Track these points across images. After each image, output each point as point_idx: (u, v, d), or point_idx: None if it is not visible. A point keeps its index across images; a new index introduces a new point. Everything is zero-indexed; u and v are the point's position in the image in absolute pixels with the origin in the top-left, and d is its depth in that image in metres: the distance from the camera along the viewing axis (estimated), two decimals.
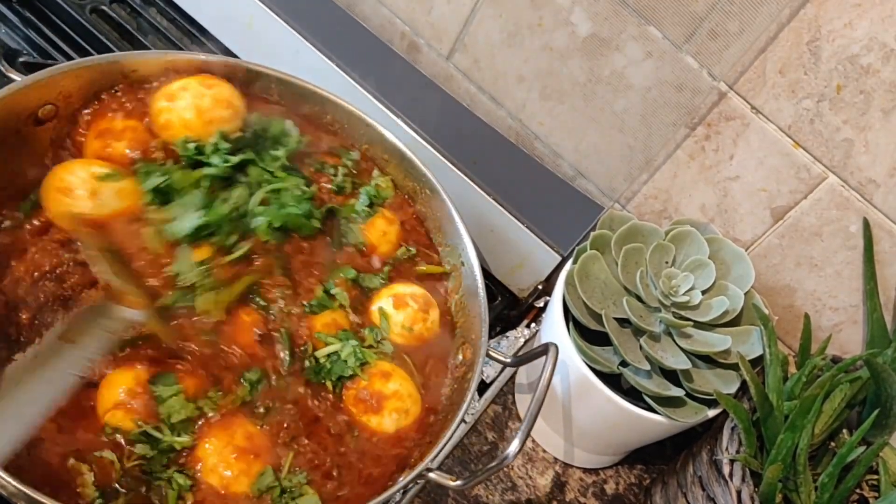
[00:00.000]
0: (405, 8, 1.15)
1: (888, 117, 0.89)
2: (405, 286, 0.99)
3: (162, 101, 0.97)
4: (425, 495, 1.01)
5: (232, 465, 0.81)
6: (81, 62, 0.95)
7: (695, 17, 0.94)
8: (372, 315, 0.97)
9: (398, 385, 0.91)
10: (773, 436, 0.90)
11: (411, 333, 0.96)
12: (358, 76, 1.15)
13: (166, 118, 0.96)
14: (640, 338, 0.95)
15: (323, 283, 0.96)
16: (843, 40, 0.88)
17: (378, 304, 0.97)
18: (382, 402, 0.90)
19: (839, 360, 0.97)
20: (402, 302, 0.97)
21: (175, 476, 0.80)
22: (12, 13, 1.18)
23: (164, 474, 0.80)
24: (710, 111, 0.99)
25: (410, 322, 0.96)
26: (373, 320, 0.96)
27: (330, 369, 0.91)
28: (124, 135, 0.95)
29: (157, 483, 0.79)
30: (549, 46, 1.05)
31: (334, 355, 0.91)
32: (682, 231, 1.00)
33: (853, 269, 0.99)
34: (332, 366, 0.91)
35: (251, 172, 0.97)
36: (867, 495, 0.92)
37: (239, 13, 1.20)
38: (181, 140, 0.95)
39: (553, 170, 1.14)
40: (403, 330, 0.96)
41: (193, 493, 0.80)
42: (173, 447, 0.81)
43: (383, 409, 0.90)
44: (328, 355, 0.91)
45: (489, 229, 1.15)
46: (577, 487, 1.10)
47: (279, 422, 0.85)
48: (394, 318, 0.96)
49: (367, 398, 0.90)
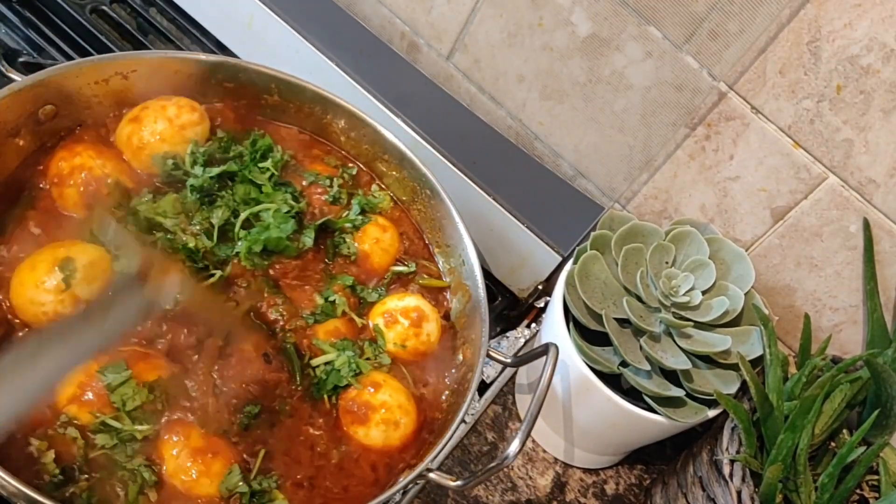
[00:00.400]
0: (405, 8, 1.15)
1: (888, 117, 0.89)
2: (398, 300, 0.99)
3: (128, 127, 0.96)
4: (425, 495, 1.01)
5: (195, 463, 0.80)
6: (81, 62, 0.95)
7: (695, 17, 0.94)
8: (370, 329, 0.97)
9: (388, 396, 0.91)
10: (774, 436, 0.90)
11: (405, 349, 0.96)
12: (358, 76, 1.15)
13: (138, 138, 0.95)
14: (641, 338, 0.95)
15: (321, 293, 0.95)
16: (843, 40, 0.88)
17: (373, 321, 0.98)
18: (370, 413, 0.89)
19: (839, 360, 0.97)
20: (393, 320, 0.97)
21: (142, 469, 0.79)
22: (12, 13, 1.18)
23: (130, 464, 0.79)
24: (710, 111, 0.99)
25: (402, 340, 0.96)
26: (372, 333, 0.97)
27: (325, 380, 0.91)
28: (74, 178, 0.92)
29: (121, 472, 0.79)
30: (549, 46, 1.05)
31: (329, 365, 0.92)
32: (682, 231, 1.00)
33: (853, 269, 0.99)
34: (328, 376, 0.91)
35: (238, 190, 0.96)
36: (867, 495, 0.92)
37: (239, 13, 1.20)
38: (160, 156, 0.95)
39: (553, 170, 1.14)
40: (397, 347, 0.96)
41: (157, 489, 0.79)
42: (134, 436, 0.80)
43: (370, 420, 0.89)
44: (324, 364, 0.91)
45: (489, 229, 1.15)
46: (578, 488, 1.10)
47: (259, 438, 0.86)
48: (386, 335, 0.96)
49: (355, 409, 0.90)
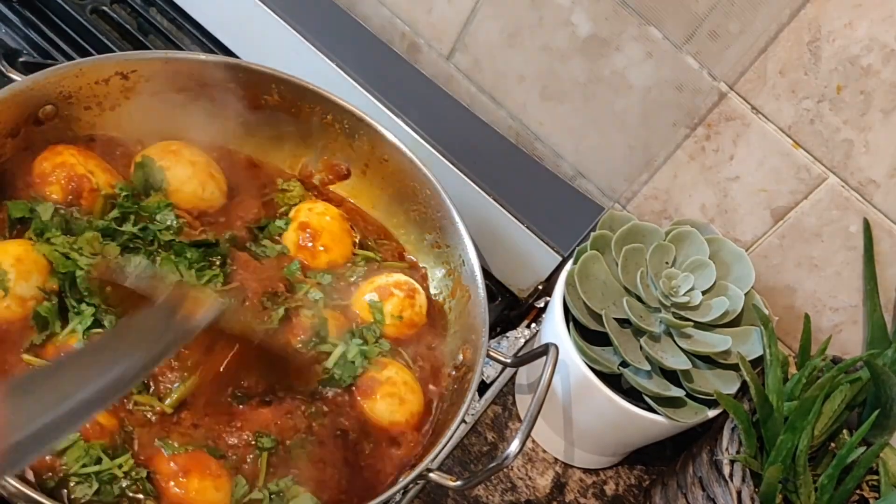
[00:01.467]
0: (405, 8, 1.15)
1: (888, 117, 0.89)
2: (386, 277, 1.00)
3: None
4: (425, 495, 1.01)
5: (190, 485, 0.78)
6: (81, 62, 0.95)
7: (695, 17, 0.94)
8: (361, 311, 0.97)
9: (393, 373, 0.93)
10: (773, 436, 0.90)
11: (402, 321, 0.97)
12: (358, 76, 1.15)
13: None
14: (641, 338, 0.95)
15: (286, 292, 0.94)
16: (844, 41, 0.88)
17: (365, 297, 0.98)
18: (375, 387, 0.91)
19: (839, 360, 0.97)
20: (387, 292, 0.98)
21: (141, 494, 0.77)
22: (12, 13, 1.18)
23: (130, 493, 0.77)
24: (711, 111, 0.99)
25: (399, 310, 0.97)
26: (363, 317, 0.97)
27: (340, 377, 0.91)
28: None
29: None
30: (550, 46, 1.05)
31: (342, 359, 0.92)
32: (682, 231, 1.00)
33: (853, 269, 0.99)
34: (343, 371, 0.91)
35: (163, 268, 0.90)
36: (867, 496, 0.92)
37: (239, 13, 1.20)
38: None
39: (553, 170, 1.14)
40: (394, 319, 0.97)
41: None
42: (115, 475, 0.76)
43: (375, 394, 0.91)
44: (336, 362, 0.91)
45: (489, 229, 1.15)
46: (577, 488, 1.10)
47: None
48: (384, 308, 0.97)
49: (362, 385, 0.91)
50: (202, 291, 0.81)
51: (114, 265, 0.82)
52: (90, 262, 0.86)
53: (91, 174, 0.93)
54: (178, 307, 0.69)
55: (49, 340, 0.83)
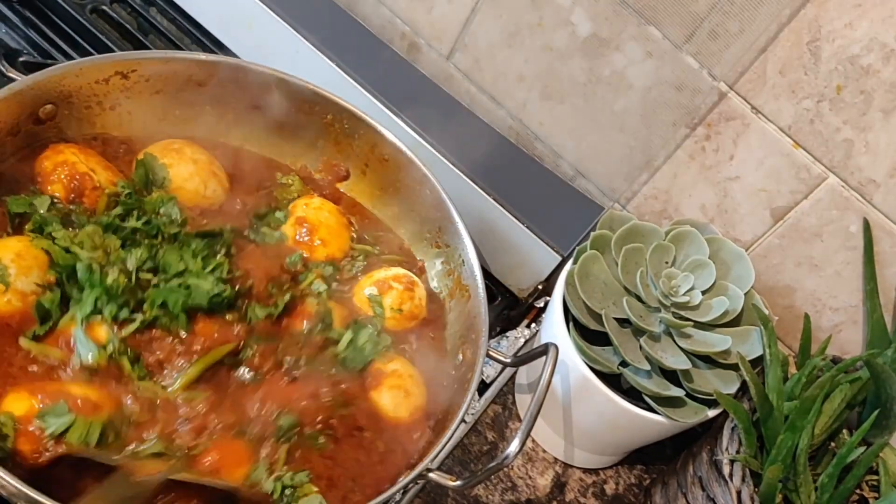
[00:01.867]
0: (405, 8, 1.15)
1: (888, 117, 0.89)
2: (385, 271, 1.01)
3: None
4: (425, 495, 1.01)
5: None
6: (81, 62, 0.95)
7: (695, 17, 0.94)
8: (361, 305, 0.98)
9: (398, 365, 0.93)
10: (773, 436, 0.90)
11: (402, 314, 0.97)
12: (358, 76, 1.15)
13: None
14: (640, 338, 0.95)
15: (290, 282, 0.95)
16: (844, 40, 0.88)
17: (364, 291, 0.98)
18: (382, 378, 0.92)
19: (839, 360, 0.97)
20: (386, 286, 0.98)
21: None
22: (12, 13, 1.18)
23: None
24: (711, 111, 0.99)
25: (398, 303, 0.97)
26: (363, 311, 0.97)
27: (353, 360, 0.92)
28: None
29: None
30: (550, 46, 1.05)
31: (351, 345, 0.92)
32: (682, 231, 1.00)
33: (853, 269, 0.99)
34: (355, 355, 0.92)
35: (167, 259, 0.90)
36: (867, 496, 0.92)
37: (239, 13, 1.20)
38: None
39: (553, 170, 1.14)
40: (394, 312, 0.97)
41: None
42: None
43: (381, 385, 0.91)
44: (346, 346, 0.92)
45: (489, 229, 1.15)
46: (577, 488, 1.10)
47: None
48: (383, 301, 0.97)
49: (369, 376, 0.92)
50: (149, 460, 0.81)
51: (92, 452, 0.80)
52: (91, 255, 0.86)
53: (93, 172, 0.93)
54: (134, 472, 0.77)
55: (51, 332, 0.84)
